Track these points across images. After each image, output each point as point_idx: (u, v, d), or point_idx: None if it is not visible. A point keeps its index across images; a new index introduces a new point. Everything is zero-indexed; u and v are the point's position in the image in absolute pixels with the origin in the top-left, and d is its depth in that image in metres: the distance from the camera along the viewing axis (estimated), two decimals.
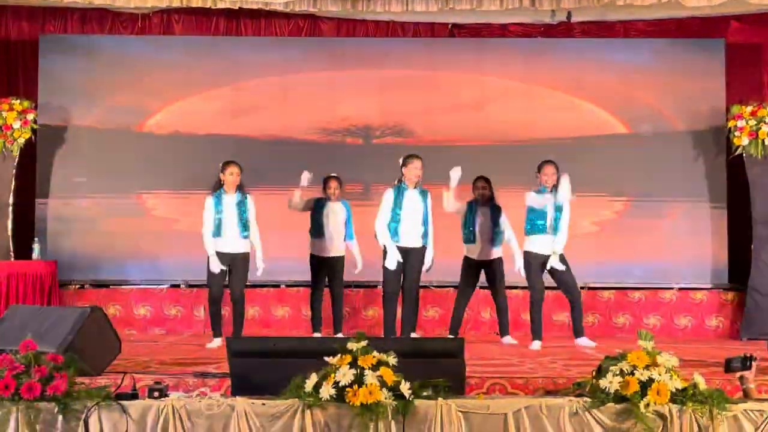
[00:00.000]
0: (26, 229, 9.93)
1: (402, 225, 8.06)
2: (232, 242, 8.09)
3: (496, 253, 8.69)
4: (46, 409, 4.57)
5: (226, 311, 8.80)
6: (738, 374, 5.00)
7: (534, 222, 8.23)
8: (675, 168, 10.16)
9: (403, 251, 8.04)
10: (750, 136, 9.46)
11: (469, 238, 8.68)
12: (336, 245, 8.81)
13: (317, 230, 8.77)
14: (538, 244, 8.22)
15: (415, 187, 8.17)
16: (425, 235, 8.16)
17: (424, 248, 8.15)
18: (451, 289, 9.65)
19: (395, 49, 10.55)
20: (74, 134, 10.23)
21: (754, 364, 4.96)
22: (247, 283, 9.16)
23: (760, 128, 9.42)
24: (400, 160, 8.23)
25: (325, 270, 8.83)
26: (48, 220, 10.11)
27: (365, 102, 10.40)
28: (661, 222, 10.14)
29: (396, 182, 8.20)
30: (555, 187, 8.16)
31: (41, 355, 4.67)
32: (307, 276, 9.02)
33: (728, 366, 5.04)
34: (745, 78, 10.40)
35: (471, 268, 8.74)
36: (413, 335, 8.05)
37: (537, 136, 10.22)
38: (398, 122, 10.34)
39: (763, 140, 9.43)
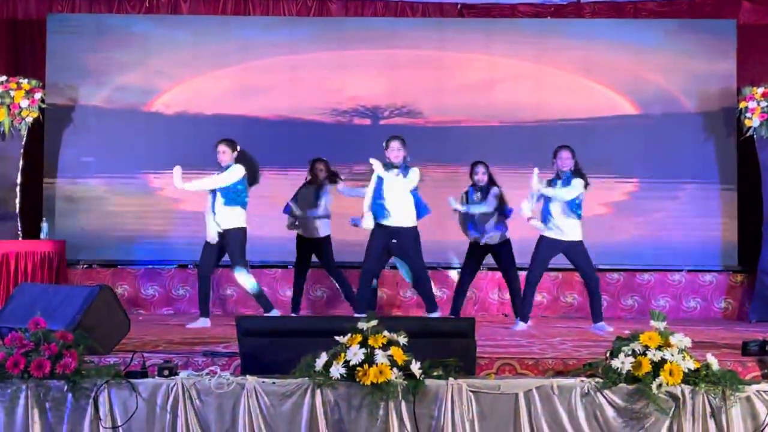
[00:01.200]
0: (34, 208, 9.92)
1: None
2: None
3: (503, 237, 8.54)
4: (56, 387, 4.57)
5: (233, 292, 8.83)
6: (757, 358, 4.97)
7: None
8: (685, 149, 10.10)
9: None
10: (761, 118, 9.37)
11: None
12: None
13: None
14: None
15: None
16: None
17: None
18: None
19: (403, 29, 10.47)
20: (82, 114, 10.19)
21: None
22: (255, 264, 9.27)
23: None
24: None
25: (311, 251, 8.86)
26: (56, 200, 10.10)
27: (373, 82, 10.35)
28: (671, 203, 10.09)
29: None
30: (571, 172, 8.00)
31: (51, 333, 4.66)
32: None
33: (746, 349, 5.02)
34: (756, 59, 10.31)
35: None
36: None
37: (546, 117, 10.17)
38: (406, 102, 10.28)
39: None
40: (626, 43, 10.27)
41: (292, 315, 8.68)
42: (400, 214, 7.85)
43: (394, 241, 7.95)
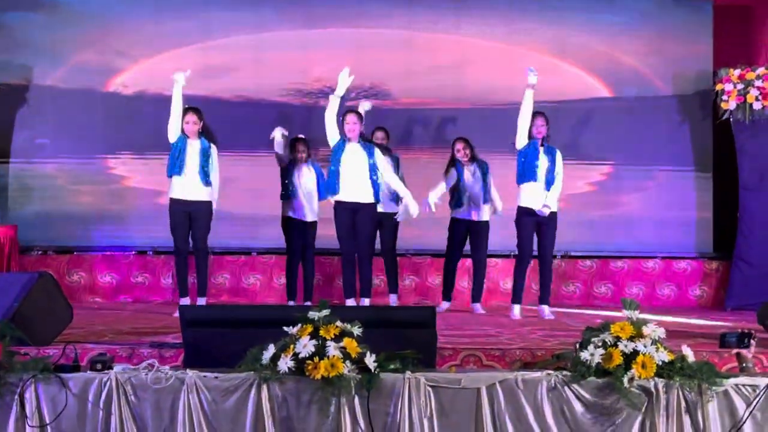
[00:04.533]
0: None
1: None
2: (193, 189, 7.67)
3: (484, 215, 8.39)
4: None
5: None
6: (734, 351, 4.69)
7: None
8: (660, 133, 9.92)
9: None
10: (737, 101, 9.20)
11: (460, 202, 8.39)
12: (309, 210, 8.42)
13: (290, 193, 8.37)
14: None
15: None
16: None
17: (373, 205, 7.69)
18: (428, 257, 9.43)
19: (372, 8, 10.15)
20: (36, 94, 9.82)
21: (752, 342, 4.65)
22: (217, 251, 8.97)
23: (748, 92, 9.16)
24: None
25: (299, 235, 8.44)
26: (9, 183, 9.74)
27: (340, 62, 9.94)
28: (645, 189, 9.91)
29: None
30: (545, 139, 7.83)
31: None
32: (279, 243, 8.67)
33: (723, 341, 4.75)
34: (733, 40, 10.10)
35: (459, 230, 8.44)
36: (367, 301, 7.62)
37: (518, 99, 9.72)
38: (374, 84, 9.97)
39: (750, 104, 9.19)
40: (600, 23, 10.07)
41: (290, 303, 8.35)
42: None
43: None
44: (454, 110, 9.90)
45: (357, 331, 4.30)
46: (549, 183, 7.73)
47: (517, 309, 7.85)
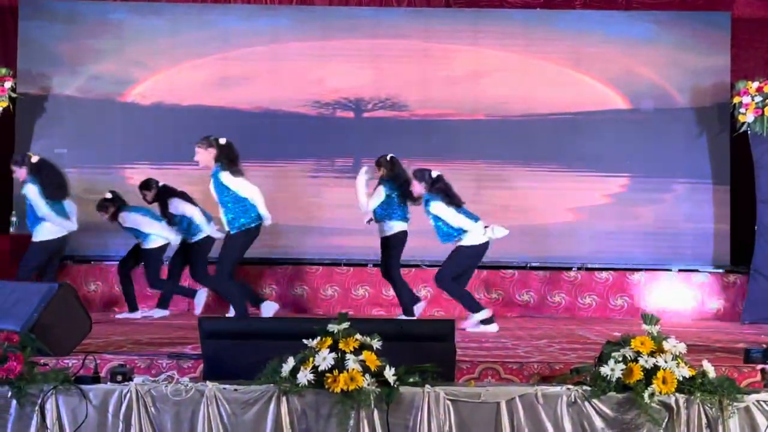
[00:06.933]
0: (4, 201, 9.63)
1: None
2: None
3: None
4: None
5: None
6: (759, 367, 4.66)
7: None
8: (677, 145, 9.87)
9: None
10: (755, 113, 9.12)
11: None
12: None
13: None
14: None
15: None
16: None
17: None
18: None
19: (389, 19, 10.18)
20: (55, 103, 9.90)
21: None
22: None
23: (766, 105, 9.07)
24: None
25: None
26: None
27: (357, 74, 10.05)
28: (662, 201, 9.85)
29: None
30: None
31: None
32: (295, 252, 8.76)
33: (748, 357, 4.71)
34: (751, 53, 10.09)
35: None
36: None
37: (535, 110, 9.90)
38: (391, 95, 9.99)
39: None
40: (617, 35, 10.03)
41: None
42: None
43: None
44: (470, 121, 9.89)
45: (377, 344, 4.29)
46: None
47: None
